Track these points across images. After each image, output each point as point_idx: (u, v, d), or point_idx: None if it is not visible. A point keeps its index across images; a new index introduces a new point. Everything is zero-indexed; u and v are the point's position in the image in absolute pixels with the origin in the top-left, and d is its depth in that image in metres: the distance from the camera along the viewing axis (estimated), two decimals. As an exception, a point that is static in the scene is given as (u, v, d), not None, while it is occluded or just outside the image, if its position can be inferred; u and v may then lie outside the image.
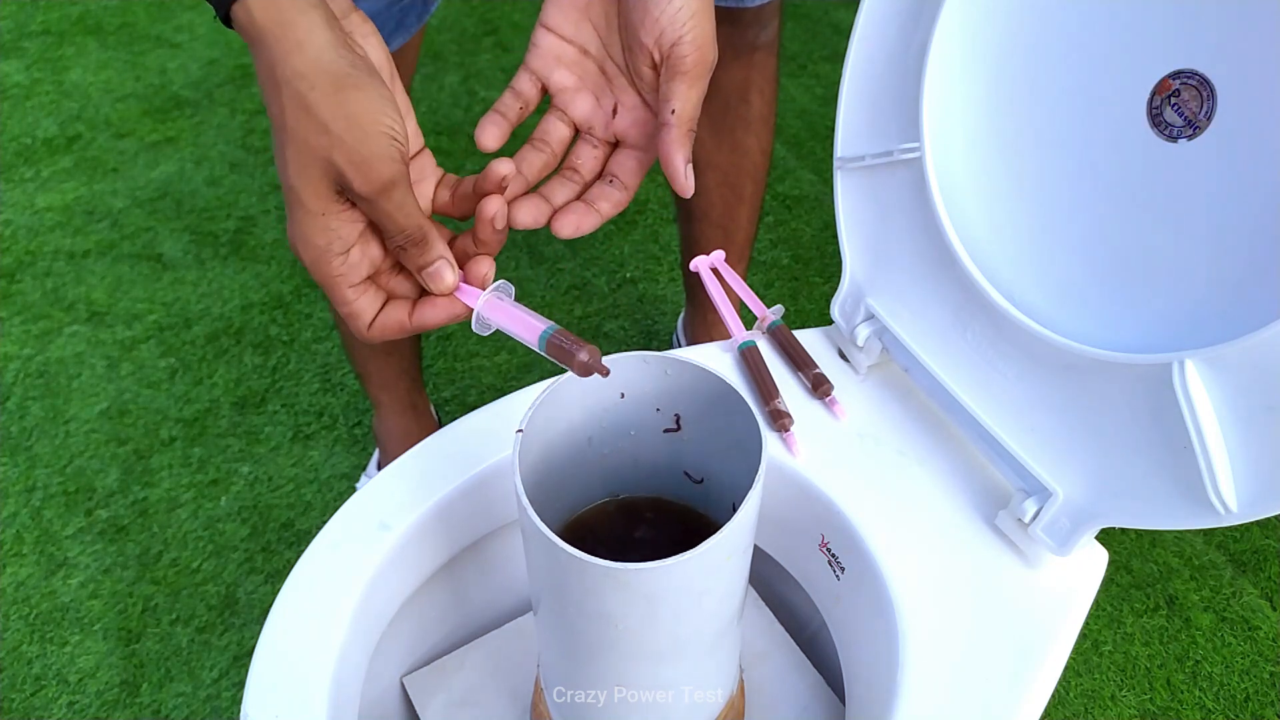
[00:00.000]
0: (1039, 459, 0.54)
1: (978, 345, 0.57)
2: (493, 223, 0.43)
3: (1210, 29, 0.45)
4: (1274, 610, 1.02)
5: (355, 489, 1.13)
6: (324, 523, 0.57)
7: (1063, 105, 0.52)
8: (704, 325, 1.15)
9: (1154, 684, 0.97)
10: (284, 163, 0.40)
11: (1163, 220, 0.48)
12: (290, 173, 0.40)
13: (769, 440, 0.60)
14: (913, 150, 0.57)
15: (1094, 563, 0.55)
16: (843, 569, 0.58)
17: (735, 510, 0.43)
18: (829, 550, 0.59)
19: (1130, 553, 1.06)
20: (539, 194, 0.46)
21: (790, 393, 0.64)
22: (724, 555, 0.44)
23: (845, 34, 0.79)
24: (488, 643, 0.68)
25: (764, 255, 1.39)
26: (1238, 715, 0.95)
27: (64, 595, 1.05)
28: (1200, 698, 0.96)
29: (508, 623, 0.70)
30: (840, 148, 0.63)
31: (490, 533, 0.64)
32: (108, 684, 0.98)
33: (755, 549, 0.52)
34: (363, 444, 1.18)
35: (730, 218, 1.01)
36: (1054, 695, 0.82)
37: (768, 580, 0.71)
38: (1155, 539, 1.07)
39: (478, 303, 0.43)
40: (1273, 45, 0.43)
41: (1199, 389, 0.45)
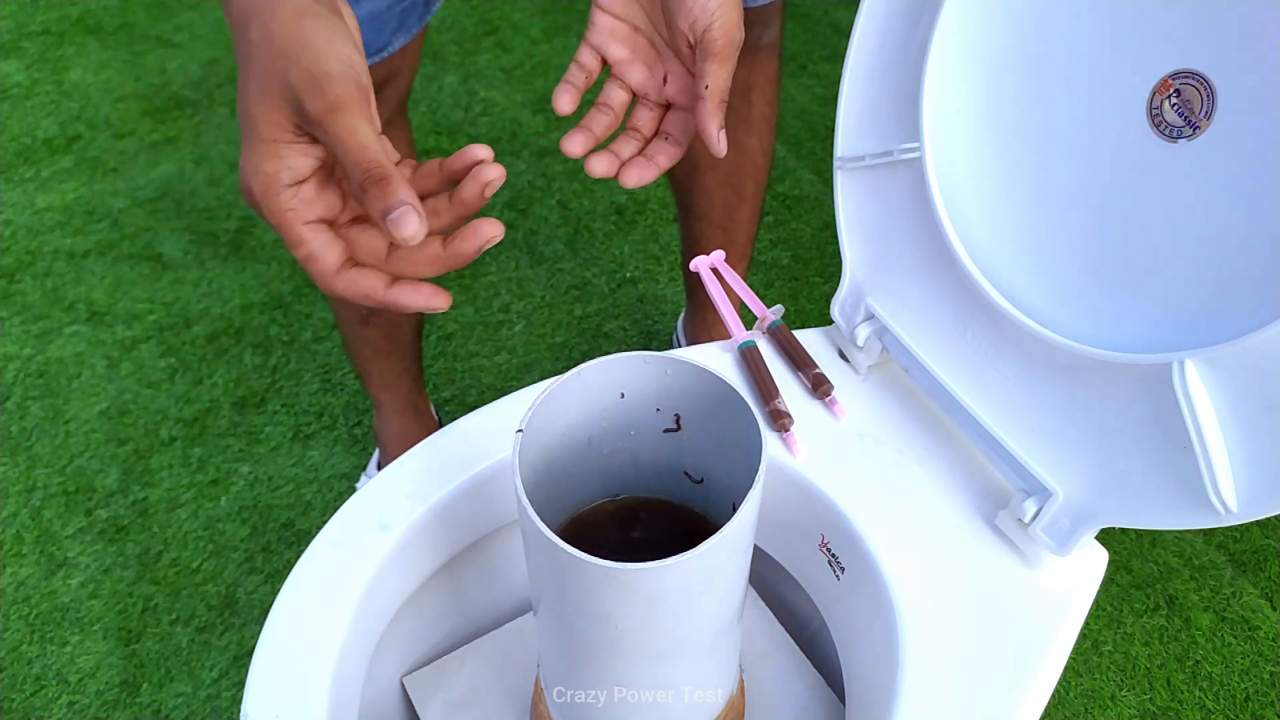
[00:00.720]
0: (1039, 459, 0.54)
1: (978, 345, 0.57)
2: (485, 187, 0.43)
3: (1210, 29, 0.45)
4: (1274, 610, 1.02)
5: (355, 489, 1.13)
6: (324, 523, 0.57)
7: (1062, 105, 0.52)
8: (704, 325, 1.15)
9: (1154, 684, 0.97)
10: (245, 95, 0.40)
11: (1163, 220, 0.48)
12: (250, 101, 0.40)
13: (769, 440, 0.60)
14: (913, 150, 0.57)
15: (1094, 563, 0.55)
16: (843, 569, 0.58)
17: (735, 510, 0.43)
18: (829, 550, 0.59)
19: (1130, 553, 1.06)
20: (609, 150, 0.53)
21: (790, 393, 0.64)
22: (724, 555, 0.44)
23: (845, 34, 0.79)
24: (488, 643, 0.68)
25: (764, 255, 1.39)
26: (1238, 715, 0.95)
27: (64, 595, 1.05)
28: (1200, 698, 0.96)
29: (508, 623, 0.70)
30: (840, 148, 0.63)
31: (490, 533, 0.64)
32: (108, 684, 0.98)
33: (755, 549, 0.52)
34: (363, 444, 1.18)
35: (731, 218, 1.01)
36: (1054, 695, 0.82)
37: (768, 580, 0.71)
38: (1155, 539, 1.07)
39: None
40: (1273, 45, 0.43)
41: (1199, 389, 0.45)
